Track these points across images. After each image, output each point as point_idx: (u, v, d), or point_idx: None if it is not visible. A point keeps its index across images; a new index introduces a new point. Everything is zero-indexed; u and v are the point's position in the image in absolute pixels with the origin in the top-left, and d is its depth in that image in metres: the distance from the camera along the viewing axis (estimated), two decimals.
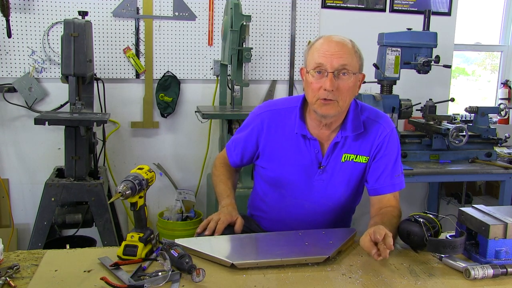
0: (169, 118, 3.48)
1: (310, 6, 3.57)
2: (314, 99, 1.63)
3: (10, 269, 1.32)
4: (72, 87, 2.65)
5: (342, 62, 1.58)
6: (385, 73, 3.07)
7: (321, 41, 1.64)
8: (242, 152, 1.86)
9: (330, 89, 1.58)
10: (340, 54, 1.59)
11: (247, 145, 1.83)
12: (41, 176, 3.03)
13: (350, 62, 1.60)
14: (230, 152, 1.91)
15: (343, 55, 1.59)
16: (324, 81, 1.59)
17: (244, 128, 1.87)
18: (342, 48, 1.60)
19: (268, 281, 1.33)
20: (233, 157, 1.90)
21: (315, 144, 1.73)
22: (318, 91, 1.61)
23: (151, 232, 1.50)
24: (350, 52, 1.61)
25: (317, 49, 1.62)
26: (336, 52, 1.59)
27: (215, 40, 3.44)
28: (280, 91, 3.64)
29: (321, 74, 1.60)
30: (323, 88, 1.60)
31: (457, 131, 2.98)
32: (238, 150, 1.87)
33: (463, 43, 4.11)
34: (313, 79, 1.62)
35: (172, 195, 3.47)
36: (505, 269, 1.39)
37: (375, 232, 1.43)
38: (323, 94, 1.60)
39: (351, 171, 1.75)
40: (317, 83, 1.61)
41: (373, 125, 1.75)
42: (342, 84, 1.60)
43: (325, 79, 1.59)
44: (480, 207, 1.58)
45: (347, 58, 1.60)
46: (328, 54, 1.59)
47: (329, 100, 1.61)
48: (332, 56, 1.58)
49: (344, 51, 1.60)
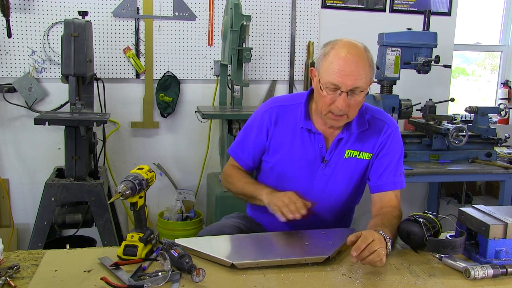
0: (169, 118, 3.48)
1: (310, 6, 3.57)
2: (325, 111, 1.65)
3: (10, 269, 1.32)
4: (72, 87, 2.65)
5: (356, 83, 1.58)
6: (385, 73, 3.07)
7: (336, 56, 1.59)
8: (253, 151, 1.83)
9: (341, 108, 1.60)
10: (355, 75, 1.57)
11: (258, 143, 1.80)
12: (41, 176, 3.03)
13: (364, 81, 1.59)
14: (239, 156, 1.87)
15: (358, 75, 1.57)
16: (337, 100, 1.60)
17: (250, 127, 1.84)
18: (357, 66, 1.57)
19: (268, 281, 1.33)
20: (244, 160, 1.86)
21: (320, 138, 1.74)
22: (329, 105, 1.63)
23: (151, 232, 1.50)
24: (365, 69, 1.59)
25: (332, 65, 1.58)
26: (352, 73, 1.56)
27: (215, 40, 3.44)
28: (280, 91, 3.64)
29: (333, 90, 1.60)
30: (335, 105, 1.61)
31: (457, 131, 2.98)
32: (248, 150, 1.84)
33: (463, 43, 4.11)
34: (325, 93, 1.62)
35: (172, 195, 3.47)
36: (505, 269, 1.39)
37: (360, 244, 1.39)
38: (335, 110, 1.62)
39: (353, 167, 1.76)
40: (329, 98, 1.61)
41: (377, 123, 1.77)
42: (354, 100, 1.61)
43: (338, 98, 1.59)
44: (480, 207, 1.58)
45: (362, 77, 1.58)
46: (344, 74, 1.56)
47: (339, 116, 1.64)
48: (347, 76, 1.56)
49: (359, 70, 1.58)
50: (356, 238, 1.42)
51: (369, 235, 1.42)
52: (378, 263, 1.39)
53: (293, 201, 1.61)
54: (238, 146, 1.88)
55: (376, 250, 1.38)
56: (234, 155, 1.90)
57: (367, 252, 1.38)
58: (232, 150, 1.90)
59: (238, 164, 1.89)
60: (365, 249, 1.38)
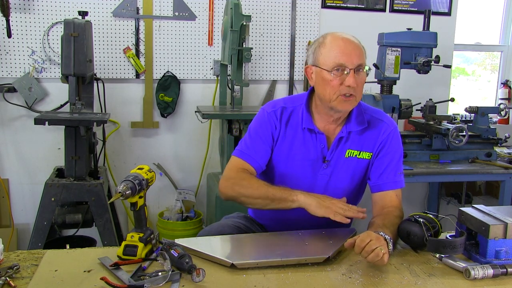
0: (169, 118, 3.48)
1: (310, 6, 3.57)
2: (335, 96, 1.66)
3: (10, 269, 1.32)
4: (72, 87, 2.65)
5: (360, 60, 1.65)
6: (385, 73, 3.07)
7: (332, 39, 1.67)
8: (265, 151, 1.78)
9: (354, 85, 1.63)
10: (357, 52, 1.65)
11: (267, 143, 1.78)
12: (41, 176, 3.03)
13: (363, 58, 1.68)
14: (251, 156, 1.77)
15: (360, 53, 1.65)
16: (346, 78, 1.63)
17: (258, 128, 1.80)
18: (356, 45, 1.66)
19: (268, 281, 1.33)
20: (257, 159, 1.77)
21: (322, 138, 1.75)
22: (338, 87, 1.64)
23: (151, 232, 1.49)
24: (361, 48, 1.68)
25: (333, 49, 1.65)
26: (353, 50, 1.64)
27: (215, 40, 3.44)
28: (280, 91, 3.64)
29: (340, 71, 1.63)
30: (345, 84, 1.63)
31: (457, 131, 2.98)
32: (260, 150, 1.77)
33: (463, 43, 4.11)
34: (332, 76, 1.64)
35: (172, 195, 3.47)
36: (505, 269, 1.39)
37: (359, 243, 1.42)
38: (345, 90, 1.64)
39: (354, 167, 1.77)
40: (337, 80, 1.64)
41: (376, 123, 1.78)
42: (359, 79, 1.66)
43: (346, 76, 1.63)
44: (480, 207, 1.58)
45: (362, 55, 1.67)
46: (347, 52, 1.63)
47: (350, 96, 1.66)
48: (350, 54, 1.63)
49: (359, 48, 1.67)
50: (354, 241, 1.43)
51: (366, 236, 1.43)
52: (379, 262, 1.39)
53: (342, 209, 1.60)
54: (248, 147, 1.79)
55: (375, 250, 1.38)
56: (245, 157, 1.78)
57: (366, 253, 1.39)
58: (241, 153, 1.79)
59: (249, 167, 1.77)
60: (364, 250, 1.39)
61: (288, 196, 1.66)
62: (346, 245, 1.46)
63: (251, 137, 1.81)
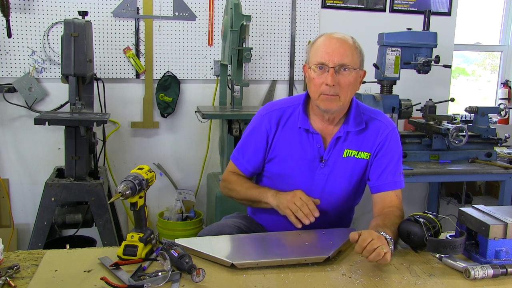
0: (169, 118, 3.48)
1: (310, 6, 3.57)
2: (317, 94, 1.68)
3: (10, 269, 1.32)
4: (72, 87, 2.65)
5: (342, 58, 1.64)
6: (385, 73, 3.07)
7: (323, 39, 1.70)
8: (253, 155, 1.83)
9: (331, 83, 1.63)
10: (341, 51, 1.64)
11: (258, 147, 1.82)
12: (41, 176, 3.03)
13: (350, 58, 1.65)
14: (239, 160, 1.88)
15: (343, 52, 1.64)
16: (326, 77, 1.64)
17: (249, 132, 1.85)
18: (342, 44, 1.66)
19: (268, 281, 1.33)
20: (244, 164, 1.86)
21: (318, 138, 1.75)
22: (320, 86, 1.66)
23: (151, 232, 1.49)
24: (351, 48, 1.67)
25: (319, 47, 1.68)
26: (337, 49, 1.64)
27: (215, 40, 3.44)
28: (280, 91, 3.64)
29: (322, 69, 1.65)
30: (324, 83, 1.65)
31: (457, 131, 2.98)
32: (248, 155, 1.85)
33: (463, 43, 4.11)
34: (315, 74, 1.67)
35: (172, 195, 3.47)
36: (505, 269, 1.39)
37: (361, 243, 1.41)
38: (325, 89, 1.65)
39: (352, 167, 1.77)
40: (319, 79, 1.66)
41: (374, 123, 1.79)
42: (343, 79, 1.65)
43: (327, 75, 1.64)
44: (480, 207, 1.58)
45: (348, 54, 1.65)
46: (330, 51, 1.65)
47: (331, 96, 1.66)
48: (333, 52, 1.64)
49: (345, 48, 1.65)
50: (358, 235, 1.43)
51: (368, 235, 1.43)
52: (382, 261, 1.39)
53: (304, 203, 1.64)
54: (239, 151, 1.89)
55: (376, 249, 1.38)
56: (234, 160, 1.90)
57: (367, 252, 1.39)
58: (234, 156, 1.90)
59: (238, 170, 1.88)
60: (365, 249, 1.39)
61: (262, 198, 1.76)
62: (350, 237, 1.45)
63: (242, 142, 1.89)
